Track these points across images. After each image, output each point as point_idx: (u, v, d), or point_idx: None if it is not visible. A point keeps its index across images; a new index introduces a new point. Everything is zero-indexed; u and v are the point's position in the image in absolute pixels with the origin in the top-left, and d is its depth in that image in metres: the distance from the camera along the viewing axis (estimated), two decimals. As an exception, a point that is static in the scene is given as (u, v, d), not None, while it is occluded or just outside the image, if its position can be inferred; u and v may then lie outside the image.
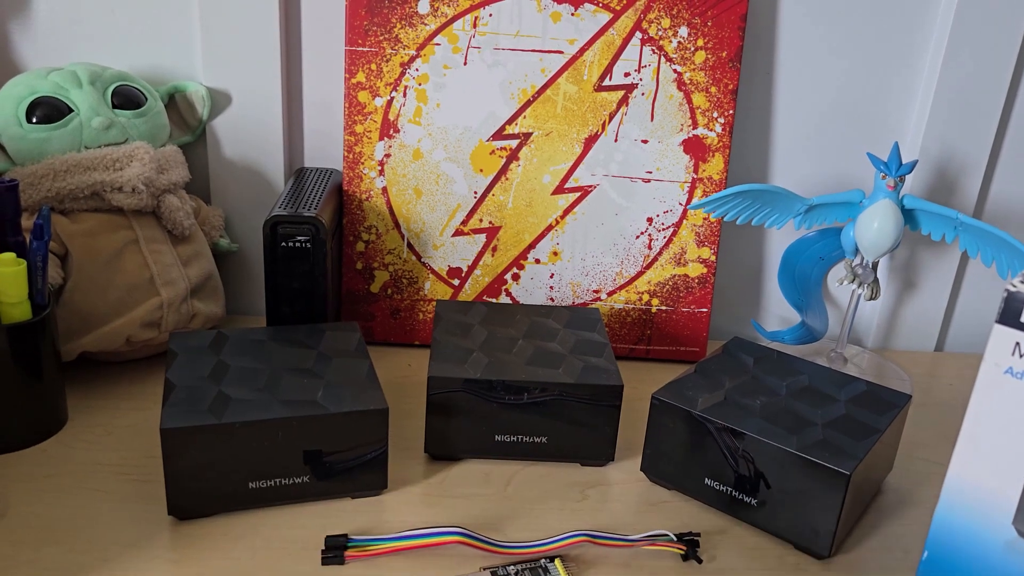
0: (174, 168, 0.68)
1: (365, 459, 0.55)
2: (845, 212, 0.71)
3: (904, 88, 0.76)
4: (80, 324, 0.64)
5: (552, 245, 0.75)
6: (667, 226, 0.74)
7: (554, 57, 0.71)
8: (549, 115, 0.72)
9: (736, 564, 0.52)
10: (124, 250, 0.65)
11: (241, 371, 0.56)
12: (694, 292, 0.76)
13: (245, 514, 0.54)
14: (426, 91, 0.71)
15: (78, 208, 0.64)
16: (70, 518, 0.53)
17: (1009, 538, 0.41)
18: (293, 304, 0.67)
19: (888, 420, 0.55)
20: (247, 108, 0.74)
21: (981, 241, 0.67)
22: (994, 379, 0.40)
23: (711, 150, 0.73)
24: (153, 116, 0.69)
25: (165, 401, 0.52)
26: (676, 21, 0.71)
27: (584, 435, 0.59)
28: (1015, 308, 0.39)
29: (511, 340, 0.63)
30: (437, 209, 0.73)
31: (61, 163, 0.63)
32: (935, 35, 0.74)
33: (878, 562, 0.53)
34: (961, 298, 0.84)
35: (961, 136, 0.76)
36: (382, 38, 0.70)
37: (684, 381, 0.59)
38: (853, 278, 0.72)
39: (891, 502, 0.59)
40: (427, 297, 0.75)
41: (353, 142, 0.72)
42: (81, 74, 0.66)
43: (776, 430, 0.53)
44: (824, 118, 0.77)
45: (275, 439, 0.52)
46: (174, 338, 0.60)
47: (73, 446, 0.59)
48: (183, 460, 0.51)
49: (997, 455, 0.41)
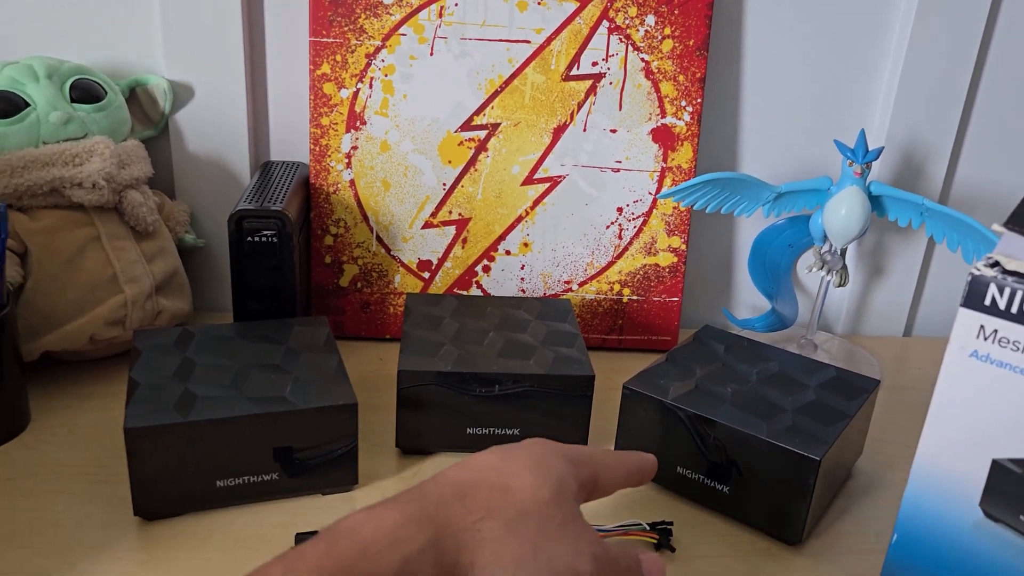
0: (136, 163, 0.67)
1: (335, 455, 0.54)
2: (813, 199, 0.71)
3: (870, 75, 0.76)
4: (41, 323, 0.62)
5: (522, 236, 0.74)
6: (637, 216, 0.74)
7: (521, 47, 0.70)
8: (517, 105, 0.71)
9: (709, 551, 0.53)
10: (86, 247, 0.63)
11: (207, 368, 0.55)
12: (665, 281, 0.76)
13: (214, 513, 0.53)
14: (392, 82, 0.70)
15: (37, 205, 0.63)
16: (34, 521, 0.52)
17: (977, 519, 0.42)
18: (261, 299, 0.66)
19: (857, 405, 0.56)
20: (210, 101, 0.73)
21: (947, 226, 0.68)
22: (960, 362, 0.40)
23: (680, 139, 0.73)
24: (113, 110, 0.67)
25: (129, 400, 0.52)
26: (643, 10, 0.70)
27: (556, 426, 0.59)
28: (979, 291, 0.39)
29: (482, 332, 0.62)
30: (406, 201, 0.73)
31: (18, 159, 0.61)
32: (899, 22, 0.74)
33: (849, 546, 0.54)
34: (929, 283, 0.85)
35: (926, 122, 0.76)
36: (347, 29, 0.69)
37: (655, 370, 0.59)
38: (822, 265, 0.72)
39: (862, 486, 0.60)
40: (397, 290, 0.75)
41: (319, 135, 0.71)
42: (38, 67, 0.64)
43: (747, 417, 0.53)
44: (791, 106, 0.77)
45: (243, 436, 0.51)
46: (138, 336, 0.59)
47: (36, 447, 0.58)
48: (149, 460, 0.50)
49: (963, 438, 0.41)
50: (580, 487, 0.42)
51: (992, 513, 0.41)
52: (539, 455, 0.41)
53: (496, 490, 0.39)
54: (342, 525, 0.35)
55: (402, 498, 0.37)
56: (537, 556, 0.37)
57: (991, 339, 0.39)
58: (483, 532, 0.37)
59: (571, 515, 0.40)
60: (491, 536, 0.37)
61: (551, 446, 0.43)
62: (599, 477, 0.44)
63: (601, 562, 0.39)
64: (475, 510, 0.37)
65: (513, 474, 0.40)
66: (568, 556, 0.38)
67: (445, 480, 0.39)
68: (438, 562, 0.35)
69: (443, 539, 0.36)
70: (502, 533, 0.37)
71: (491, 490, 0.39)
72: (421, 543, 0.35)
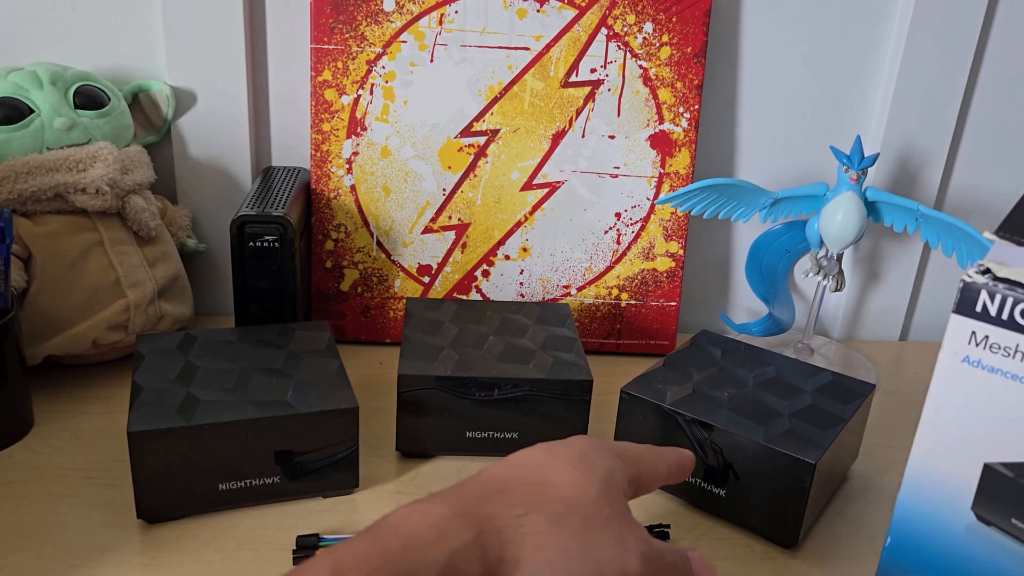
0: (139, 168, 0.67)
1: (336, 458, 0.55)
2: (809, 205, 0.72)
3: (866, 82, 0.77)
4: (45, 327, 0.63)
5: (521, 241, 0.75)
6: (635, 221, 0.75)
7: (521, 54, 0.71)
8: (516, 112, 0.72)
9: (705, 554, 0.52)
10: (89, 252, 0.64)
11: (210, 372, 0.56)
12: (663, 286, 0.76)
13: (216, 516, 0.53)
14: (393, 88, 0.71)
15: (41, 210, 0.63)
16: (37, 524, 0.52)
17: (969, 522, 0.42)
18: (262, 304, 0.66)
19: (853, 409, 0.56)
20: (213, 107, 0.74)
21: (941, 232, 0.68)
22: (952, 368, 0.41)
23: (677, 145, 0.74)
24: (116, 116, 0.68)
25: (132, 404, 0.52)
26: (641, 17, 0.71)
27: (555, 430, 0.60)
28: (970, 298, 0.39)
29: (481, 337, 0.63)
30: (406, 206, 0.73)
31: (22, 164, 0.62)
32: (895, 28, 0.75)
33: (845, 549, 0.54)
34: (924, 288, 0.85)
35: (922, 128, 0.77)
36: (348, 36, 0.70)
37: (652, 375, 0.59)
38: (818, 270, 0.73)
39: (857, 489, 0.60)
40: (397, 295, 0.75)
41: (320, 140, 0.72)
42: (42, 74, 0.65)
43: (743, 421, 0.54)
44: (788, 112, 0.78)
45: (245, 440, 0.52)
46: (141, 340, 0.59)
47: (39, 451, 0.59)
48: (151, 463, 0.51)
49: (956, 442, 0.41)
50: (628, 483, 0.42)
51: (984, 517, 0.42)
52: (583, 451, 0.41)
53: (538, 485, 0.38)
54: (388, 519, 0.35)
55: (445, 494, 0.37)
56: (583, 552, 0.36)
57: (983, 345, 0.40)
58: (526, 527, 0.36)
59: (619, 511, 0.39)
60: (534, 530, 0.36)
61: (597, 443, 0.42)
62: (642, 474, 0.43)
63: (649, 560, 0.38)
64: (518, 504, 0.37)
65: (556, 469, 0.39)
66: (615, 553, 0.37)
67: (487, 476, 0.39)
68: (483, 557, 0.35)
69: (487, 533, 0.35)
70: (546, 527, 0.36)
71: (533, 485, 0.38)
72: (466, 538, 0.34)
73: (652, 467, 0.44)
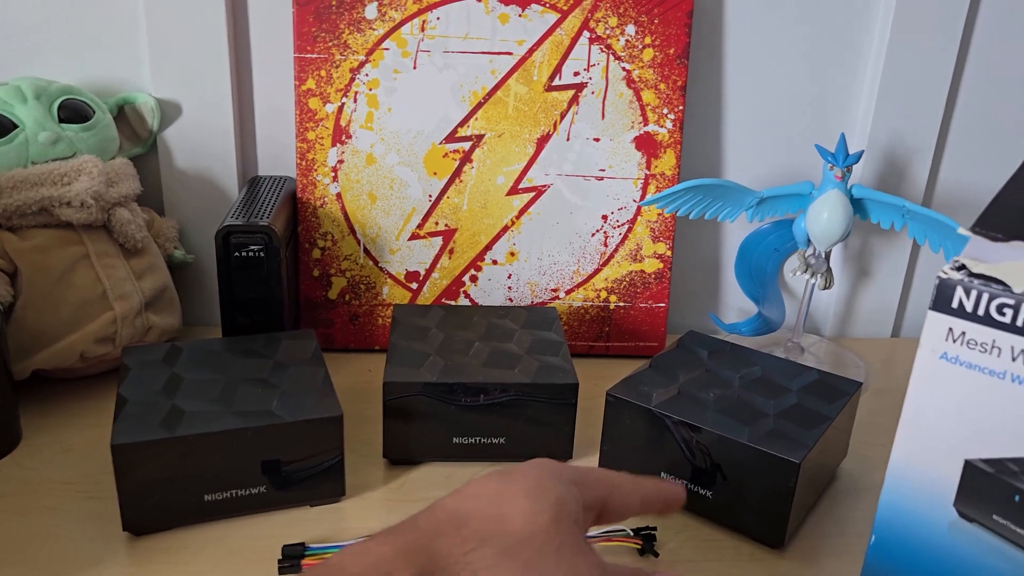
0: (124, 181, 0.67)
1: (322, 467, 0.55)
2: (795, 204, 0.72)
3: (850, 79, 0.77)
4: (32, 342, 0.63)
5: (509, 246, 0.75)
6: (622, 223, 0.75)
7: (504, 58, 0.71)
8: (501, 116, 0.72)
9: (693, 556, 0.53)
10: (75, 265, 0.64)
11: (195, 383, 0.56)
12: (651, 288, 0.76)
13: (203, 527, 0.53)
14: (377, 96, 0.71)
15: (26, 224, 0.63)
16: (26, 538, 0.52)
17: (952, 519, 0.42)
18: (249, 314, 0.66)
19: (838, 408, 0.56)
20: (198, 118, 0.74)
21: (928, 228, 0.68)
22: (930, 364, 0.41)
23: (662, 146, 0.74)
24: (101, 129, 0.68)
25: (116, 417, 0.52)
26: (623, 19, 0.71)
27: (542, 434, 0.60)
28: (946, 294, 0.39)
29: (468, 342, 0.63)
30: (392, 213, 0.74)
31: (7, 179, 0.62)
32: (879, 26, 0.75)
33: (832, 548, 0.54)
34: (915, 285, 0.85)
35: (908, 125, 0.77)
36: (331, 44, 0.70)
37: (638, 377, 0.59)
38: (806, 268, 0.73)
39: (845, 488, 0.60)
40: (385, 302, 0.75)
41: (305, 149, 0.72)
42: (25, 89, 0.65)
43: (729, 422, 0.54)
44: (773, 111, 0.78)
45: (230, 450, 0.52)
46: (127, 353, 0.59)
47: (27, 465, 0.59)
48: (136, 475, 0.51)
49: (937, 439, 0.41)
50: (586, 509, 0.41)
51: (966, 513, 0.42)
52: (537, 478, 0.40)
53: (492, 519, 0.38)
54: (331, 561, 0.35)
55: (395, 530, 0.37)
56: None
57: (960, 341, 0.39)
58: (475, 563, 0.36)
59: (571, 539, 0.39)
60: (483, 565, 0.36)
61: (553, 468, 0.42)
62: (609, 499, 0.43)
63: None
64: (468, 539, 0.37)
65: (510, 500, 0.39)
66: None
67: (441, 510, 0.39)
68: None
69: (432, 573, 0.35)
70: (495, 561, 0.36)
71: (486, 519, 0.38)
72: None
73: (624, 495, 0.44)
